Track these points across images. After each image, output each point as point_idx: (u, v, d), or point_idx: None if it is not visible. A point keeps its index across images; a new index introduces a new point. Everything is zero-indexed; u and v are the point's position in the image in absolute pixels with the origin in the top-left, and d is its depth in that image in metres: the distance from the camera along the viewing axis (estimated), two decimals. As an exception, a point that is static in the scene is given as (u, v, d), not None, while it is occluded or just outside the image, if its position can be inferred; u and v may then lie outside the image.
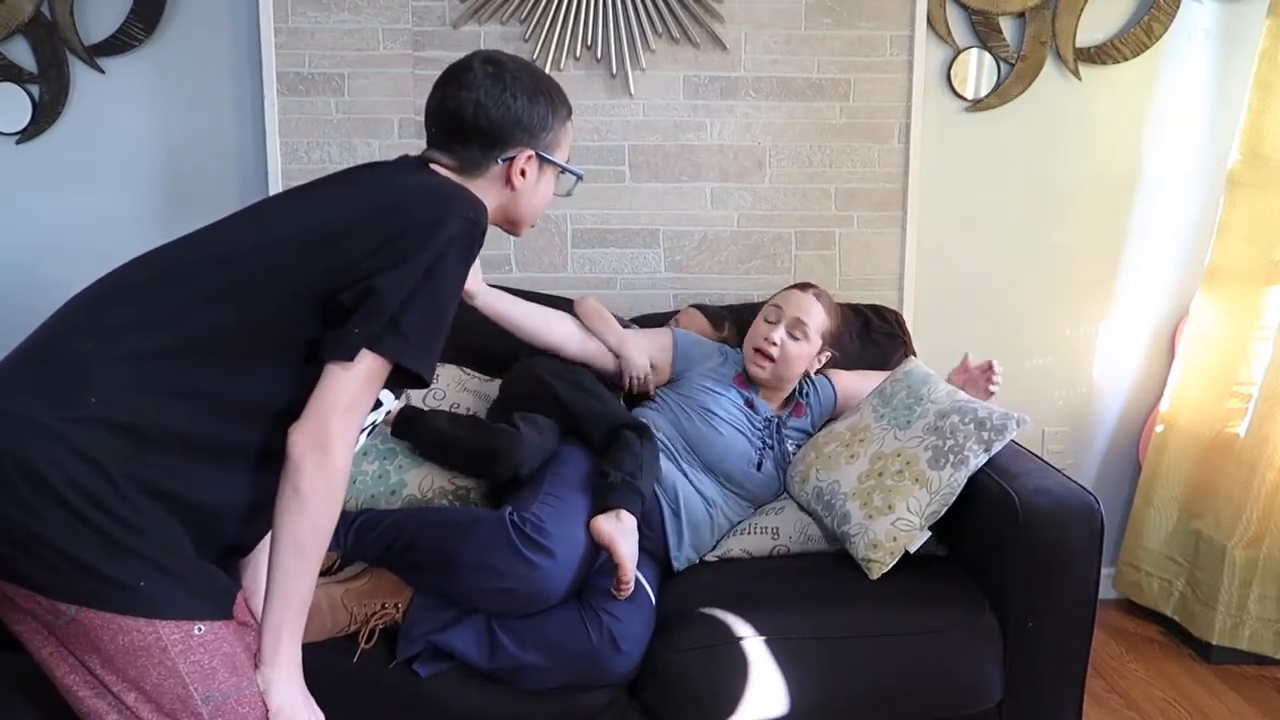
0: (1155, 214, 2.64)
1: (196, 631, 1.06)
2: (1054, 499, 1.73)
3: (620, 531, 1.67)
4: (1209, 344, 2.51)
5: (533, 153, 1.33)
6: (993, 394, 2.02)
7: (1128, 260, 2.66)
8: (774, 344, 2.03)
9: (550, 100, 1.35)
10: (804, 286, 2.13)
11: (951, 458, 1.80)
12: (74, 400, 1.04)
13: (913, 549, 1.79)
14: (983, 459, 1.80)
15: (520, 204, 1.37)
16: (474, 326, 2.30)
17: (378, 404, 1.23)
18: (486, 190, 1.32)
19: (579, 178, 1.42)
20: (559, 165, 1.38)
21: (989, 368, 2.03)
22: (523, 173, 1.33)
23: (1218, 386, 2.49)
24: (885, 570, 1.78)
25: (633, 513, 1.72)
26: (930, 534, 1.81)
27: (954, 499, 1.79)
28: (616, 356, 2.06)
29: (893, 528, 1.79)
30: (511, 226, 1.41)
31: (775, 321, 2.06)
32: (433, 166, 1.32)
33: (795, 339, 2.04)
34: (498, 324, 2.00)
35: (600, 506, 1.73)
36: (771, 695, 1.65)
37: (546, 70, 2.39)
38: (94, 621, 1.02)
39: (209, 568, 1.12)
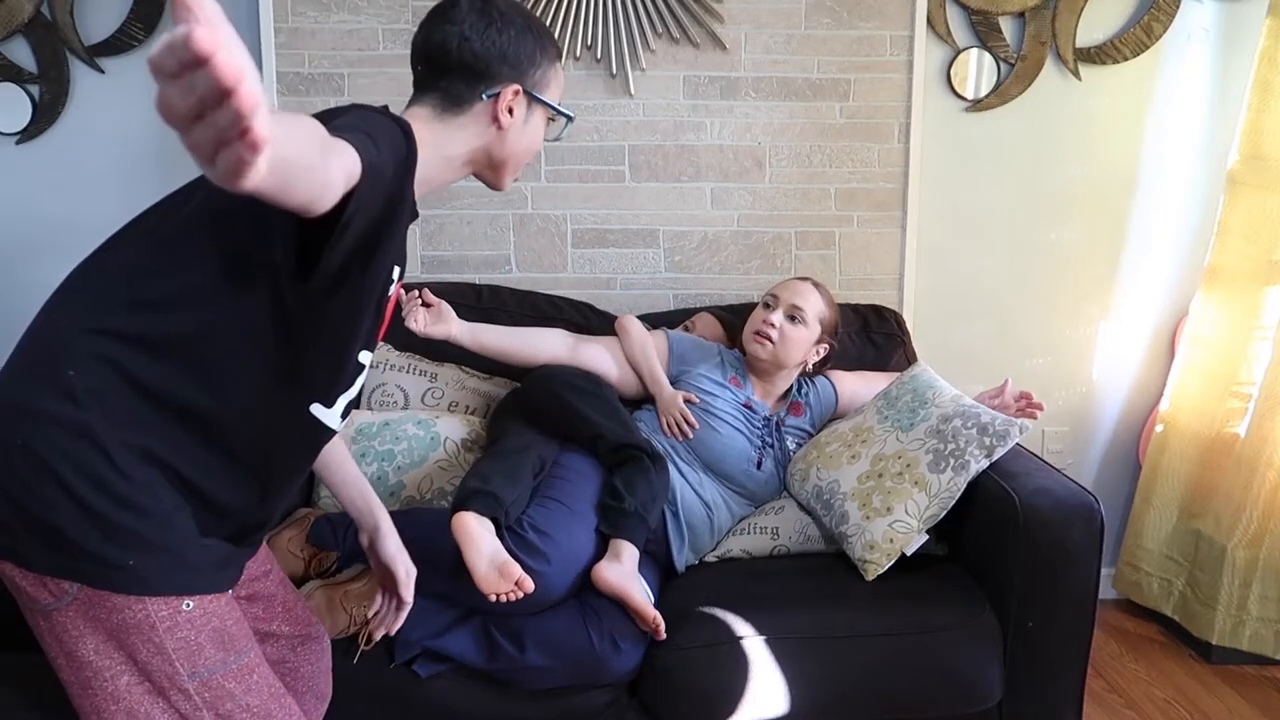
0: (1155, 214, 2.64)
1: (185, 607, 1.06)
2: (1054, 499, 1.73)
3: (623, 576, 1.66)
4: (1209, 344, 2.51)
5: (519, 88, 1.26)
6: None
7: (1127, 260, 2.66)
8: (773, 325, 2.03)
9: (539, 38, 1.29)
10: (801, 278, 2.14)
11: (952, 461, 1.80)
12: (56, 378, 1.04)
13: (909, 551, 1.79)
14: (983, 464, 1.80)
15: (507, 144, 1.28)
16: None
17: (360, 368, 1.20)
18: (469, 128, 1.25)
19: (570, 120, 1.33)
20: (549, 105, 1.31)
21: (1029, 401, 1.98)
22: (510, 110, 1.26)
23: (1218, 386, 2.49)
24: (881, 572, 1.79)
25: (637, 545, 1.72)
26: (928, 537, 1.81)
27: (953, 503, 1.79)
28: (652, 394, 2.06)
29: (890, 529, 1.79)
30: (495, 173, 1.32)
31: (773, 307, 2.07)
32: (405, 117, 1.23)
33: (794, 321, 2.04)
34: (488, 358, 2.01)
35: (606, 530, 1.73)
36: (771, 694, 1.65)
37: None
38: (92, 599, 1.04)
39: (206, 541, 1.11)
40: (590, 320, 2.32)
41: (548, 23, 2.37)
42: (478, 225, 2.48)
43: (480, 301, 2.34)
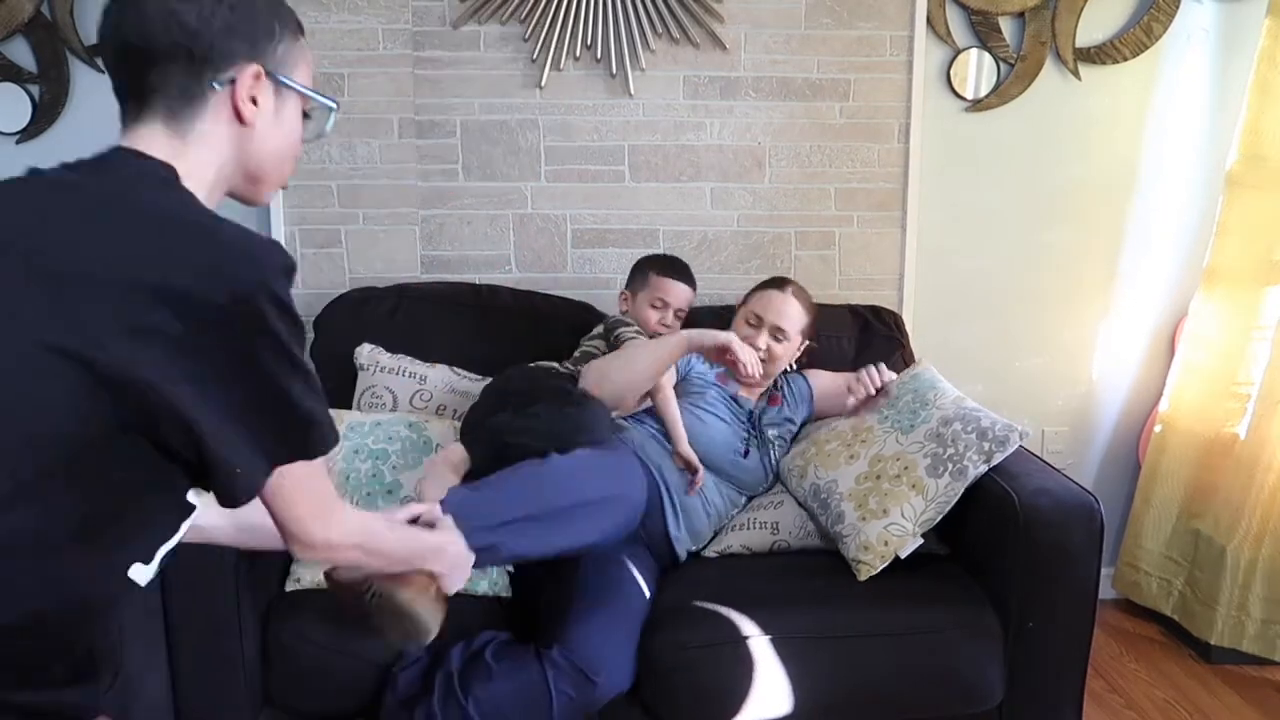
0: (1155, 214, 2.64)
1: None
2: (1054, 499, 1.72)
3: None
4: (1208, 344, 2.51)
5: (260, 69, 0.99)
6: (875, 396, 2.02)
7: (1127, 260, 2.66)
8: (760, 349, 2.02)
9: (270, 4, 1.02)
10: (780, 284, 2.13)
11: (950, 466, 1.80)
12: None
13: (904, 554, 1.78)
14: (982, 469, 1.79)
15: (260, 145, 1.02)
16: (458, 325, 2.29)
17: (190, 509, 0.97)
18: (210, 135, 0.98)
19: (333, 108, 1.08)
20: (303, 91, 1.04)
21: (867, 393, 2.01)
22: (253, 99, 0.99)
23: (1217, 387, 2.49)
24: (874, 573, 1.77)
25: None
26: (922, 540, 1.80)
27: (949, 508, 1.78)
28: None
29: (885, 531, 1.78)
30: (253, 186, 1.05)
31: (757, 327, 2.08)
32: (141, 147, 0.97)
33: (779, 340, 2.07)
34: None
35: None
36: (771, 694, 1.65)
37: (546, 71, 2.40)
38: None
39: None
40: (590, 321, 2.31)
41: (547, 23, 2.37)
42: (477, 225, 2.48)
43: (479, 300, 2.34)
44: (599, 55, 2.42)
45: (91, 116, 2.38)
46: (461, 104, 2.42)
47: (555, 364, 2.07)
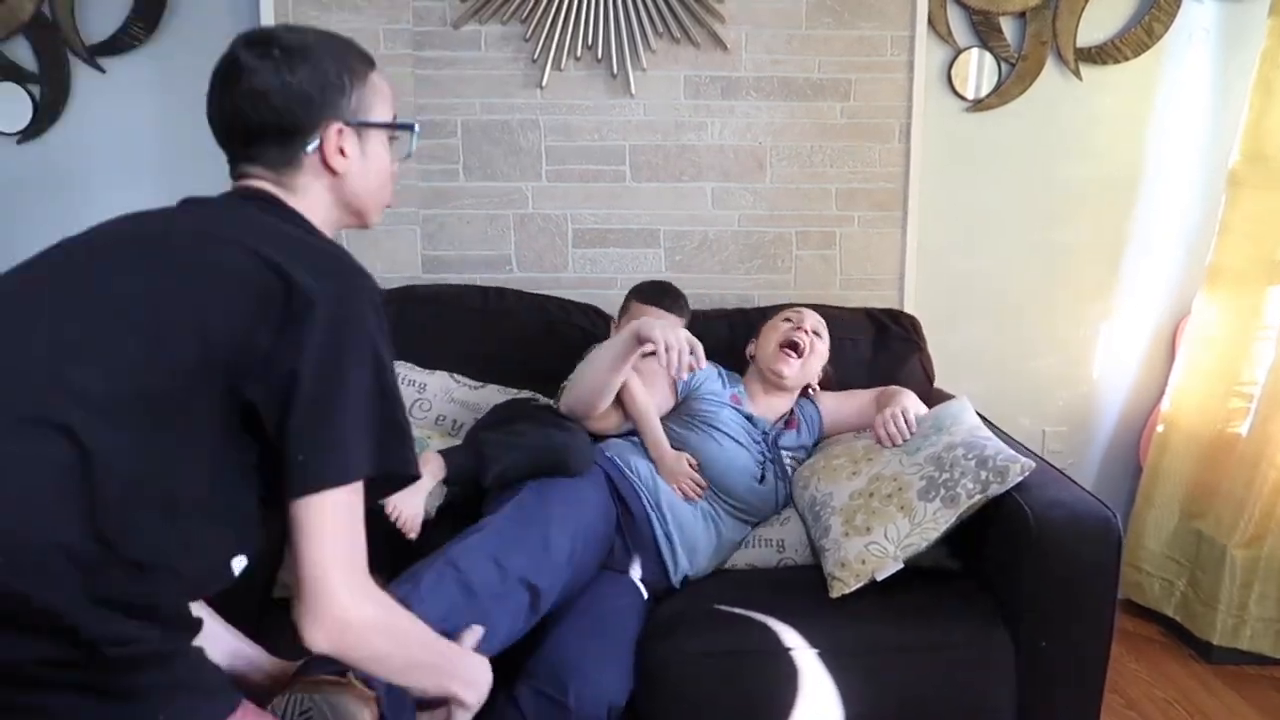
0: (1156, 214, 2.64)
1: None
2: (1069, 512, 1.65)
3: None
4: (1210, 344, 2.51)
5: (341, 125, 1.13)
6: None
7: (1129, 260, 2.66)
8: (805, 334, 2.06)
9: (339, 58, 1.17)
10: (792, 307, 2.20)
11: (943, 491, 1.72)
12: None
13: (880, 577, 1.70)
14: (976, 499, 1.69)
15: (355, 186, 1.16)
16: (464, 329, 2.27)
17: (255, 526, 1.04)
18: (312, 189, 1.13)
19: (413, 130, 1.23)
20: (381, 125, 1.18)
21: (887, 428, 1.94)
22: (341, 151, 1.13)
23: (1219, 386, 2.49)
24: (847, 592, 1.70)
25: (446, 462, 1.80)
26: (903, 566, 1.71)
27: (938, 537, 1.70)
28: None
29: (865, 550, 1.72)
30: (359, 218, 1.20)
31: (796, 323, 2.10)
32: (257, 187, 1.13)
33: (818, 336, 2.10)
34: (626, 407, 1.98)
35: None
36: (773, 709, 1.61)
37: (547, 71, 2.39)
38: None
39: (203, 660, 0.99)
40: (595, 324, 2.30)
41: (548, 23, 2.37)
42: (478, 225, 2.48)
43: (486, 304, 2.32)
44: (600, 55, 2.42)
45: (92, 117, 2.38)
46: (462, 104, 2.42)
47: (543, 398, 2.10)
